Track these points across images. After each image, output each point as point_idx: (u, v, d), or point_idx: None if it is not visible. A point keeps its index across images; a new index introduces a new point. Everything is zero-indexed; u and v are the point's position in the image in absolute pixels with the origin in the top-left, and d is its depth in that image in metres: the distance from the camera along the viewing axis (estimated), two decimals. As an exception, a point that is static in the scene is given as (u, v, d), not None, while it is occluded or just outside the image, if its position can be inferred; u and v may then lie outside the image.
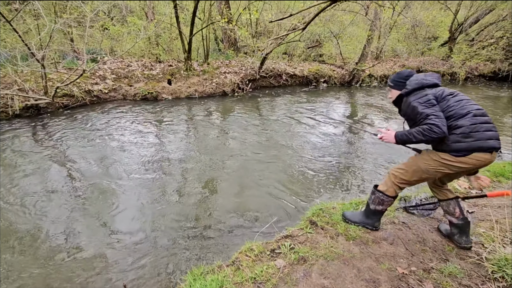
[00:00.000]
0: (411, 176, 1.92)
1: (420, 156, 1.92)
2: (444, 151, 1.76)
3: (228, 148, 4.67)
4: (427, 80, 1.85)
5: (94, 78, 6.64)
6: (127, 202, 3.12)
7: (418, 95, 1.81)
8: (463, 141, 1.68)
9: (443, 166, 1.78)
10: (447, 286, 1.72)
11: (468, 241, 2.05)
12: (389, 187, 2.01)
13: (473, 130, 1.67)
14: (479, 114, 1.71)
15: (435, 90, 1.82)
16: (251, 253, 2.04)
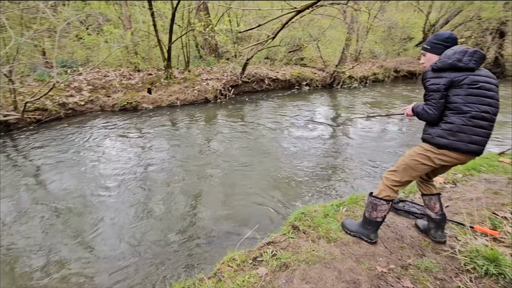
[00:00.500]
0: (402, 176, 1.91)
1: (405, 154, 1.94)
2: (427, 142, 1.81)
3: (211, 156, 4.63)
4: (463, 62, 1.64)
5: (69, 90, 6.43)
6: (107, 217, 3.02)
7: (434, 77, 1.72)
8: (446, 138, 1.71)
9: (428, 159, 1.80)
10: (424, 281, 1.77)
11: (442, 235, 2.12)
12: (381, 190, 1.98)
13: (460, 130, 1.68)
14: (478, 117, 1.67)
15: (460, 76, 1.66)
16: (233, 263, 2.02)
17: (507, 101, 9.39)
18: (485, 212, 2.50)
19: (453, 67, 1.66)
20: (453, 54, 1.67)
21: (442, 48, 1.76)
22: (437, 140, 1.74)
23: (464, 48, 1.69)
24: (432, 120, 1.77)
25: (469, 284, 1.72)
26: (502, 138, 5.72)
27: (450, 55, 1.68)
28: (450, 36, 1.77)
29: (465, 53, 1.67)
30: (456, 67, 1.65)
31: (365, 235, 2.14)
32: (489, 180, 3.28)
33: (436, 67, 1.71)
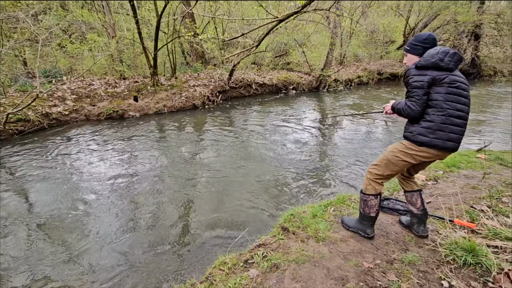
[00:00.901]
0: (384, 170, 2.00)
1: (387, 149, 2.03)
2: (408, 140, 1.90)
3: (200, 162, 4.64)
4: (444, 62, 1.76)
5: (52, 100, 6.30)
6: (94, 229, 2.98)
7: (418, 74, 1.81)
8: (426, 136, 1.81)
9: (408, 156, 1.90)
10: (407, 274, 1.85)
11: (425, 230, 2.22)
12: (367, 185, 2.08)
13: (439, 128, 1.79)
14: (455, 116, 1.79)
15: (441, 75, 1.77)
16: (224, 267, 2.05)
17: (482, 100, 9.85)
18: (464, 206, 2.63)
19: (435, 66, 1.76)
20: (436, 54, 1.77)
21: (421, 49, 1.87)
22: (418, 137, 1.84)
23: (446, 49, 1.80)
24: (415, 115, 1.84)
25: (449, 274, 1.81)
26: (480, 135, 6.00)
27: (434, 54, 1.78)
28: (428, 37, 1.87)
29: (446, 54, 1.77)
30: (438, 66, 1.76)
31: (362, 230, 2.23)
32: (468, 175, 3.45)
33: (420, 65, 1.80)
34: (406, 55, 1.97)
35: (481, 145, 4.76)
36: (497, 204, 2.64)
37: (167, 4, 6.72)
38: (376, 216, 2.16)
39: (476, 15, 13.54)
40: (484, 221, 2.33)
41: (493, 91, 11.49)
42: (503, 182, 3.19)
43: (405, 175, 2.18)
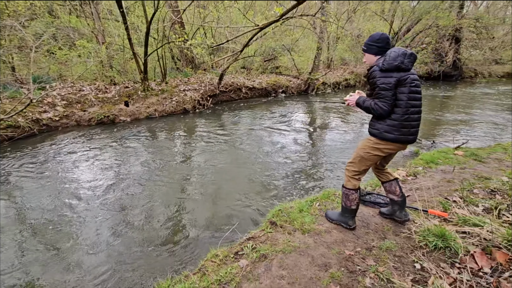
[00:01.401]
0: (359, 166, 2.19)
1: (358, 146, 2.23)
2: (376, 137, 2.10)
3: (191, 164, 4.74)
4: (405, 64, 1.92)
5: (42, 106, 6.30)
6: (85, 232, 3.04)
7: (384, 76, 1.96)
8: (391, 133, 2.03)
9: (377, 151, 2.11)
10: (384, 259, 2.02)
11: (406, 214, 2.43)
12: (347, 181, 2.27)
13: (402, 126, 2.01)
14: (414, 112, 2.01)
15: (403, 74, 1.94)
16: (216, 259, 2.17)
17: (463, 101, 10.31)
18: (439, 198, 2.84)
19: (398, 68, 1.93)
20: (397, 57, 1.92)
21: (376, 48, 2.04)
22: (384, 135, 2.06)
23: (404, 51, 1.95)
24: (385, 114, 2.01)
25: (421, 257, 1.99)
26: (460, 134, 6.31)
27: (395, 57, 1.92)
28: (380, 37, 2.02)
29: (405, 56, 1.93)
30: (400, 68, 1.93)
31: (344, 222, 2.40)
32: (445, 170, 3.68)
33: (384, 68, 1.95)
34: (364, 54, 2.14)
35: (459, 143, 5.05)
36: (468, 195, 2.86)
37: (156, 11, 6.84)
38: (357, 208, 2.34)
39: (455, 20, 14.16)
40: (455, 211, 2.54)
41: (473, 92, 12.01)
42: (476, 176, 3.43)
43: (379, 168, 2.39)
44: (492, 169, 3.69)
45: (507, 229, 2.06)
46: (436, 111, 8.49)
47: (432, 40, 15.59)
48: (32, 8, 8.09)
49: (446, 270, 1.87)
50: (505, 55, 17.68)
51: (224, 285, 1.88)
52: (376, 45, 2.03)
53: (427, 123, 7.22)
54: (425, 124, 7.09)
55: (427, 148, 5.27)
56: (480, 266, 1.88)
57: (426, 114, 8.16)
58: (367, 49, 2.08)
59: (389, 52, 1.98)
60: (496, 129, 6.69)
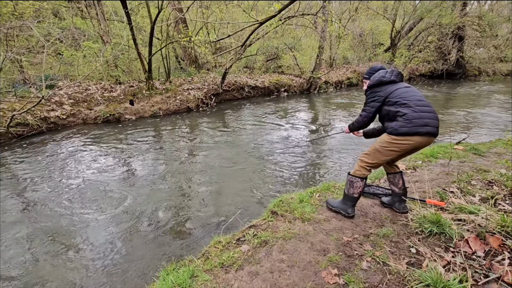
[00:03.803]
0: (373, 158, 2.28)
1: (376, 141, 2.34)
2: (392, 134, 2.18)
3: (196, 160, 4.85)
4: (386, 77, 2.27)
5: (50, 105, 6.46)
6: (93, 222, 3.16)
7: (373, 92, 2.31)
8: (406, 126, 2.11)
9: (393, 146, 2.18)
10: (381, 244, 2.09)
11: (405, 207, 2.51)
12: (356, 170, 2.36)
13: (414, 117, 2.09)
14: (420, 105, 2.13)
15: (388, 87, 2.26)
16: (219, 245, 2.26)
17: (467, 99, 10.29)
18: (437, 189, 2.90)
19: (380, 82, 2.29)
20: (378, 74, 2.32)
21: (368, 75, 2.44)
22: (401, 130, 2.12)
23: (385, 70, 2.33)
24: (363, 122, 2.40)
25: (417, 243, 2.06)
26: (462, 131, 6.34)
27: (376, 75, 2.33)
28: (380, 68, 2.40)
29: (386, 72, 2.30)
30: (382, 82, 2.29)
31: (343, 210, 2.49)
32: (444, 164, 3.73)
33: (370, 85, 2.36)
34: (365, 82, 2.48)
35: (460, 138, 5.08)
36: (466, 186, 2.91)
37: (160, 11, 6.97)
38: (358, 197, 2.42)
39: (458, 18, 14.12)
40: (452, 200, 2.60)
41: (477, 91, 11.98)
42: (474, 169, 3.48)
43: (388, 162, 2.46)
44: (491, 162, 3.73)
45: (501, 216, 2.12)
46: (438, 109, 8.50)
47: (434, 39, 15.54)
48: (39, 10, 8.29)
49: (441, 253, 1.94)
50: (509, 53, 17.57)
51: (226, 268, 1.97)
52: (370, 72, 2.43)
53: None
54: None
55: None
56: (474, 250, 1.94)
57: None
58: (368, 77, 2.43)
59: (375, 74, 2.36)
60: (499, 126, 6.69)
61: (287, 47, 12.35)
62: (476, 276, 1.71)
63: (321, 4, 10.05)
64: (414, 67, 15.31)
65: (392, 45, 15.53)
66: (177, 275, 1.94)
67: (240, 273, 1.92)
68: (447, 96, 10.91)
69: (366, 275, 1.82)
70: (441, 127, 6.57)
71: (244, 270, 1.93)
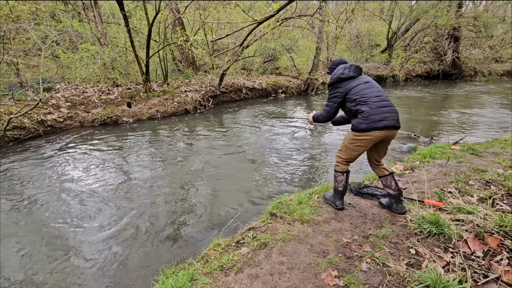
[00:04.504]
0: (345, 154, 2.45)
1: (345, 137, 2.48)
2: (354, 130, 2.33)
3: (193, 162, 4.83)
4: (344, 74, 2.35)
5: (47, 108, 6.42)
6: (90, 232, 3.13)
7: (334, 88, 2.40)
8: (364, 123, 2.24)
9: (358, 142, 2.32)
10: (381, 245, 2.09)
11: (403, 207, 2.53)
12: (336, 165, 2.54)
13: (371, 114, 2.22)
14: (377, 100, 2.24)
15: (348, 83, 2.34)
16: (218, 248, 2.25)
17: (463, 99, 10.36)
18: (435, 190, 2.91)
19: (339, 79, 2.36)
20: (337, 71, 2.39)
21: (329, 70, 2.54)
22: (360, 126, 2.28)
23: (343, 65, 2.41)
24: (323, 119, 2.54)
25: (416, 243, 2.07)
26: (460, 131, 6.38)
27: (335, 72, 2.41)
28: (339, 62, 2.50)
29: (344, 68, 2.37)
30: (341, 79, 2.35)
31: (333, 202, 2.67)
32: (442, 164, 3.75)
33: (329, 83, 2.45)
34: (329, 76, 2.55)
35: (457, 139, 5.12)
36: (463, 186, 2.93)
37: (158, 13, 6.97)
38: (344, 190, 2.58)
39: (454, 19, 14.24)
40: (450, 200, 2.61)
41: (473, 91, 12.07)
42: (472, 169, 3.50)
43: (374, 163, 2.52)
44: (488, 162, 3.75)
45: (499, 215, 2.13)
46: (435, 110, 8.56)
47: (430, 40, 15.66)
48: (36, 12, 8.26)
49: (440, 254, 1.94)
50: (505, 53, 17.73)
51: (226, 271, 1.96)
52: (331, 67, 2.53)
53: (426, 121, 7.29)
54: (424, 122, 7.16)
55: (426, 144, 5.33)
56: (473, 250, 1.95)
57: (425, 112, 8.24)
58: (330, 71, 2.53)
59: (335, 70, 2.45)
60: (495, 126, 6.75)
61: (285, 49, 12.38)
62: (475, 277, 1.71)
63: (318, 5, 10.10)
64: (411, 67, 15.40)
65: (388, 46, 15.64)
66: (177, 278, 1.93)
67: (240, 276, 1.91)
68: (444, 97, 10.98)
69: (366, 277, 1.82)
70: (438, 128, 6.62)
71: (244, 273, 1.93)
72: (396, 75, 14.41)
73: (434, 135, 5.98)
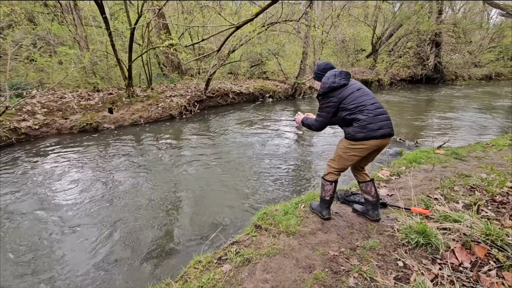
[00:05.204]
0: (338, 164, 2.35)
1: (338, 146, 2.36)
2: (349, 139, 2.22)
3: (177, 172, 4.66)
4: (336, 82, 2.19)
5: (21, 114, 6.07)
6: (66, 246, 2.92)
7: (326, 98, 2.24)
8: (361, 132, 2.14)
9: (353, 151, 2.23)
10: (368, 258, 2.01)
11: (378, 214, 2.50)
12: (326, 174, 2.43)
13: (369, 123, 2.12)
14: (373, 108, 2.15)
15: (341, 92, 2.19)
16: (199, 265, 2.11)
17: (445, 103, 10.64)
18: (421, 196, 2.88)
19: (332, 88, 2.20)
20: (328, 80, 2.21)
21: (322, 76, 2.30)
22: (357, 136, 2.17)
23: (333, 72, 2.23)
24: (316, 130, 2.41)
25: (404, 255, 2.00)
26: (442, 134, 6.49)
27: (326, 81, 2.22)
28: (325, 67, 2.31)
29: (335, 76, 2.20)
30: (334, 88, 2.20)
31: (319, 212, 2.59)
32: (427, 169, 3.75)
33: (321, 92, 2.25)
34: (314, 82, 2.48)
35: (441, 143, 5.18)
36: (449, 193, 2.92)
37: (140, 16, 6.79)
38: (331, 200, 2.50)
39: (435, 25, 14.70)
40: (437, 208, 2.57)
41: (454, 95, 12.43)
42: (456, 174, 3.51)
43: (357, 169, 2.46)
44: (472, 167, 3.79)
45: (485, 224, 2.10)
46: (419, 113, 8.72)
47: (413, 45, 16.09)
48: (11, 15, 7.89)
49: (428, 266, 1.88)
50: (483, 58, 18.45)
51: (206, 292, 1.83)
52: (323, 73, 2.30)
53: (411, 125, 7.39)
54: (409, 126, 7.25)
55: (411, 149, 5.37)
56: (461, 261, 1.90)
57: (410, 116, 8.37)
58: (316, 77, 2.36)
59: (323, 78, 2.25)
60: (476, 129, 6.91)
61: (271, 53, 12.38)
62: (465, 290, 1.66)
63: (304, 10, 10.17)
64: (395, 72, 15.74)
65: (373, 50, 15.94)
66: (152, 302, 1.79)
67: (220, 297, 1.78)
68: (427, 100, 11.24)
69: (353, 294, 1.74)
70: (422, 132, 6.72)
71: (225, 294, 1.80)
72: (381, 79, 14.68)
73: (419, 139, 6.05)
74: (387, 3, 15.69)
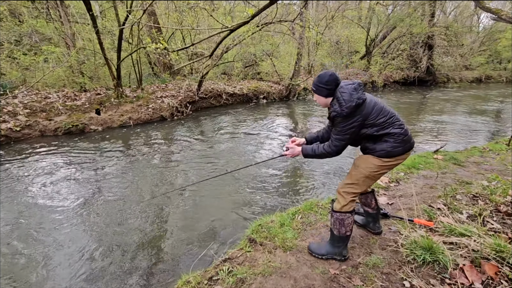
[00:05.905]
0: (362, 187, 1.97)
1: (360, 166, 1.97)
2: (383, 157, 1.89)
3: (167, 177, 4.45)
4: (361, 98, 1.80)
5: (1, 116, 5.75)
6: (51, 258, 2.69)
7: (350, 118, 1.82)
8: (400, 146, 1.87)
9: (384, 168, 1.93)
10: (372, 277, 1.86)
11: (379, 227, 2.35)
12: (344, 204, 1.97)
13: (405, 135, 1.87)
14: (400, 119, 1.91)
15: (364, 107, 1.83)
16: (188, 286, 1.92)
17: (437, 105, 10.67)
18: (423, 206, 2.75)
19: (358, 106, 1.78)
20: (351, 97, 1.78)
21: (325, 91, 1.88)
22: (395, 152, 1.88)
23: (352, 87, 1.81)
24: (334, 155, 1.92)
25: (410, 274, 1.85)
26: (437, 137, 6.43)
27: (349, 99, 1.78)
28: (329, 79, 1.85)
29: (356, 90, 1.80)
30: (359, 105, 1.78)
31: (337, 254, 2.07)
32: (426, 176, 3.64)
33: (346, 114, 1.79)
34: (313, 94, 2.00)
35: (438, 146, 5.09)
36: (452, 202, 2.79)
37: (129, 15, 6.53)
38: (351, 233, 2.05)
39: (427, 28, 14.80)
40: (440, 219, 2.44)
41: (446, 97, 12.51)
42: (457, 181, 3.40)
43: None
44: (471, 173, 3.69)
45: (494, 239, 1.97)
46: (413, 116, 8.69)
47: (406, 47, 16.19)
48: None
49: (437, 287, 1.74)
50: (474, 61, 18.73)
51: (194, 320, 1.64)
52: (326, 87, 1.87)
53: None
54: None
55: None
56: (471, 281, 1.76)
57: (403, 118, 8.33)
58: (316, 90, 1.92)
59: (340, 94, 1.82)
60: (469, 131, 6.89)
61: (265, 54, 12.23)
62: (480, 318, 1.51)
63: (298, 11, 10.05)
64: (389, 74, 15.80)
65: (367, 52, 15.96)
66: (133, 332, 1.59)
67: (210, 326, 1.60)
68: (420, 102, 11.26)
69: (357, 321, 1.57)
70: (417, 134, 6.65)
71: (216, 323, 1.61)
72: (375, 81, 14.70)
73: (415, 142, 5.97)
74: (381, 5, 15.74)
